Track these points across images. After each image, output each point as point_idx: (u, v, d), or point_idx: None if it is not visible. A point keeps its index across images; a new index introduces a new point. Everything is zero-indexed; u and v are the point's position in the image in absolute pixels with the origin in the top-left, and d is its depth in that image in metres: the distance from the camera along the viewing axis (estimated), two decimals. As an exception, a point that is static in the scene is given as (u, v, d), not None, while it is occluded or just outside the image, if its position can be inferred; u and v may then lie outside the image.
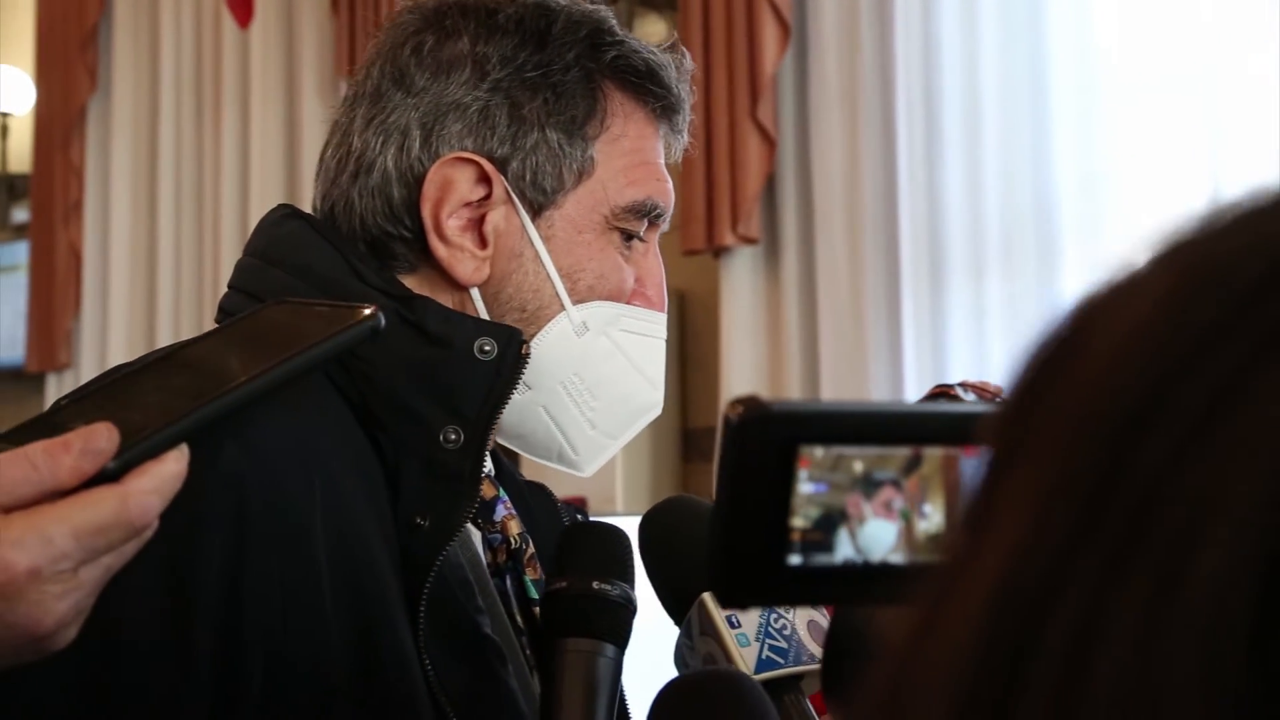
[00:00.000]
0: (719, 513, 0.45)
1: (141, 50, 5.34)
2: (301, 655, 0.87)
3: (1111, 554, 0.29)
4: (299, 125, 4.85)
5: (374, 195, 1.04)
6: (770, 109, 3.76)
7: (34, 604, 0.67)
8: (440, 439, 0.96)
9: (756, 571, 0.45)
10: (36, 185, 5.47)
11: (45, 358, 5.37)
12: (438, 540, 0.95)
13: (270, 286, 1.01)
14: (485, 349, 0.98)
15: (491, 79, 1.03)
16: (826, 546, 0.47)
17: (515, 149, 1.03)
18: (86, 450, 0.68)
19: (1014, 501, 0.32)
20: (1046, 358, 0.34)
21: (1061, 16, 3.44)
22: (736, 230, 3.76)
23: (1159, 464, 0.29)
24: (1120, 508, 0.30)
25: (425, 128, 1.03)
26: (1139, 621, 0.28)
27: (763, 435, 0.45)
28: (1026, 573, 0.31)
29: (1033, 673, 0.30)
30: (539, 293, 1.04)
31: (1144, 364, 0.31)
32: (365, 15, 4.60)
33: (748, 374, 3.85)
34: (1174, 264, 0.33)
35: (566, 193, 1.04)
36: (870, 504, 0.46)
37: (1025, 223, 3.45)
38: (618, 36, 1.07)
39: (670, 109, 1.09)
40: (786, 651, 0.94)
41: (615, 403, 1.07)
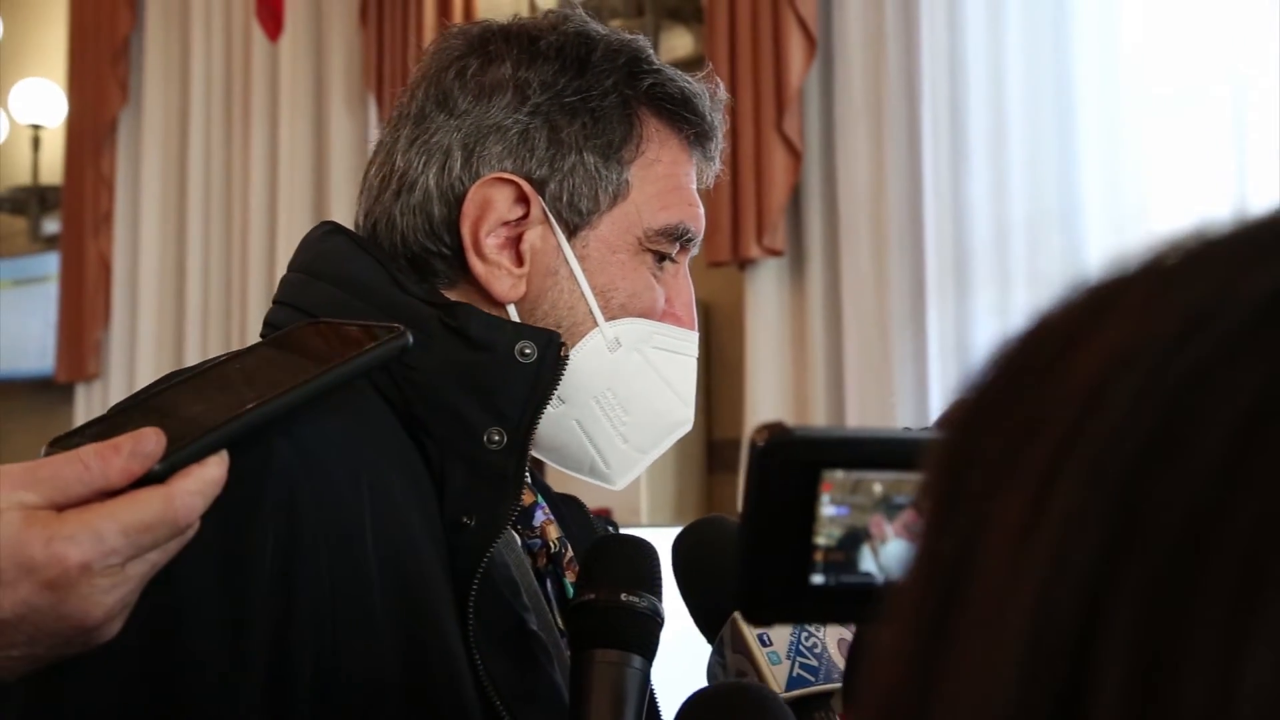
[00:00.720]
0: (745, 533, 0.47)
1: (172, 63, 5.38)
2: (351, 651, 0.89)
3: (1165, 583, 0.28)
4: (327, 137, 4.89)
5: (415, 213, 1.07)
6: (796, 121, 3.77)
7: (84, 597, 0.71)
8: (484, 440, 1.00)
9: (781, 590, 0.47)
10: (67, 197, 5.52)
11: (74, 368, 5.41)
12: (484, 539, 0.98)
13: (316, 299, 1.04)
14: (526, 352, 1.02)
15: (532, 103, 1.07)
16: (849, 566, 0.48)
17: (553, 171, 1.06)
18: (135, 453, 0.73)
19: (1008, 553, 0.31)
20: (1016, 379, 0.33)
21: (1086, 27, 3.43)
22: (762, 242, 3.77)
23: (1200, 485, 0.29)
24: (1164, 533, 0.29)
25: (467, 148, 1.07)
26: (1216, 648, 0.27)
27: (786, 460, 0.46)
28: (1056, 608, 0.29)
29: (1094, 711, 0.28)
30: (573, 309, 1.07)
31: (1145, 389, 0.30)
32: (393, 29, 4.64)
33: (773, 386, 3.85)
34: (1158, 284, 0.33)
35: (601, 214, 1.08)
36: (892, 525, 0.47)
37: (1050, 233, 3.45)
38: (655, 65, 1.11)
39: (703, 136, 1.13)
40: (817, 669, 0.95)
41: (647, 418, 1.10)
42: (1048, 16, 3.48)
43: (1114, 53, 3.40)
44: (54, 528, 0.70)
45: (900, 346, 3.63)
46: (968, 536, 0.32)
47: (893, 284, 3.64)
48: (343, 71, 4.89)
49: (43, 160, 5.76)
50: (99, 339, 5.40)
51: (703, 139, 1.13)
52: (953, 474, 0.33)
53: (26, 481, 0.71)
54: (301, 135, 4.94)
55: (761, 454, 0.46)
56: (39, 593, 0.70)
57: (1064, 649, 0.29)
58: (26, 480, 0.72)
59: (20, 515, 0.70)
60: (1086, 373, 0.31)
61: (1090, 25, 3.43)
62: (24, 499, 0.71)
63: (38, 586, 0.70)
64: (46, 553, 0.70)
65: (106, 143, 5.41)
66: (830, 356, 3.79)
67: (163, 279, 5.32)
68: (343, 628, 0.89)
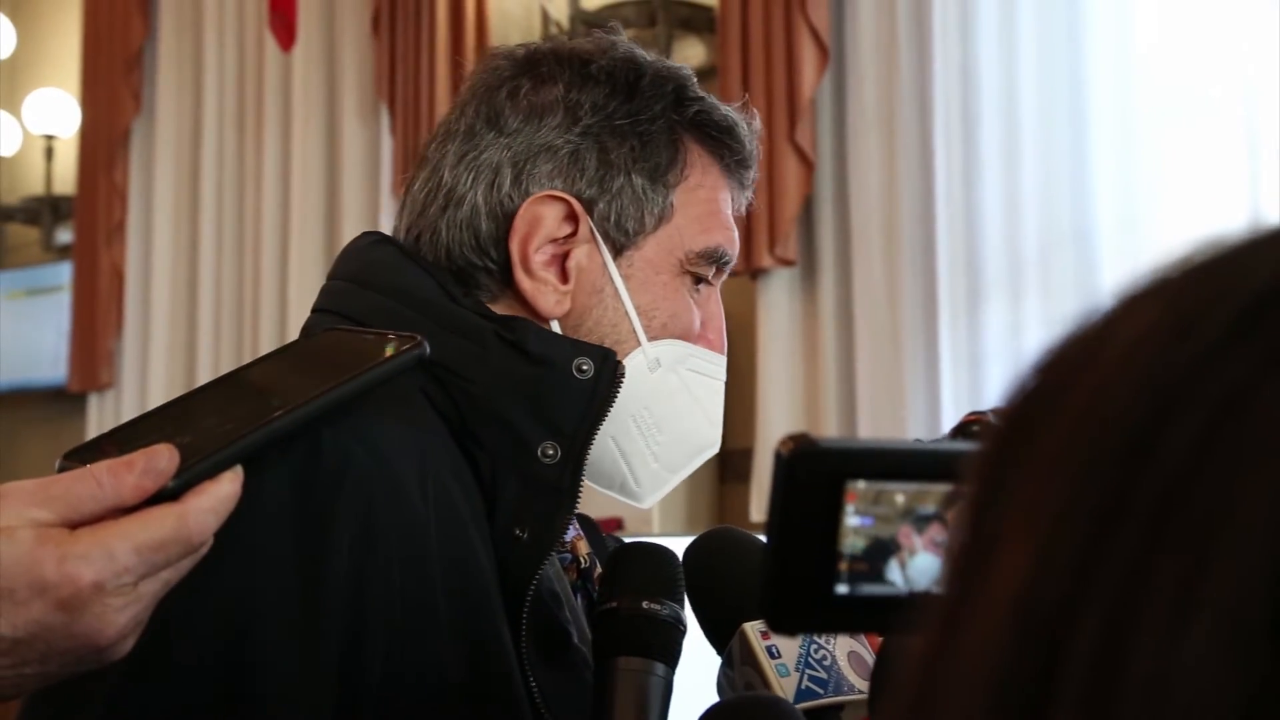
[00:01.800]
0: (770, 543, 0.47)
1: (185, 73, 5.40)
2: (417, 657, 0.90)
3: (1131, 561, 0.31)
4: (339, 146, 4.90)
5: (462, 228, 1.08)
6: (808, 131, 3.77)
7: (96, 616, 0.70)
8: (539, 454, 1.01)
9: (805, 599, 0.47)
10: (80, 206, 5.54)
11: (87, 378, 5.42)
12: (537, 552, 0.99)
13: (364, 308, 1.05)
14: (583, 368, 1.03)
15: (583, 124, 1.09)
16: (875, 576, 0.48)
17: (602, 191, 1.08)
18: (148, 470, 0.72)
19: (1019, 520, 0.34)
20: (1032, 390, 0.36)
21: (1099, 37, 3.43)
22: (774, 252, 3.77)
23: (1170, 475, 0.31)
24: (1136, 518, 0.31)
25: (516, 166, 1.08)
26: (1165, 624, 0.30)
27: (811, 470, 0.46)
28: (1046, 585, 0.32)
29: (1063, 682, 0.31)
30: (617, 327, 1.09)
31: (1146, 383, 0.33)
32: (405, 39, 4.65)
33: (784, 396, 3.85)
34: (1165, 292, 0.35)
35: (647, 235, 1.09)
36: (921, 538, 0.47)
37: (1063, 244, 3.44)
38: (700, 94, 1.14)
39: (743, 164, 1.16)
40: (826, 682, 0.95)
41: (679, 438, 1.11)
42: (1060, 26, 3.48)
43: (1127, 63, 3.40)
44: (66, 546, 0.70)
45: (912, 356, 3.62)
46: (983, 533, 0.35)
47: (905, 294, 3.64)
48: (355, 81, 4.90)
49: (56, 170, 5.78)
50: (112, 348, 5.42)
51: (741, 167, 1.16)
52: (975, 480, 0.36)
53: (39, 499, 0.71)
54: (314, 145, 4.96)
55: (787, 464, 0.46)
56: (51, 612, 0.70)
57: (1046, 629, 0.32)
58: (39, 497, 0.71)
59: (32, 533, 0.70)
60: (1093, 377, 0.34)
61: (1103, 35, 3.43)
62: (36, 516, 0.70)
63: (50, 606, 0.69)
64: (59, 572, 0.69)
65: (119, 152, 5.43)
66: (842, 367, 3.78)
67: (175, 288, 5.33)
68: (410, 632, 0.90)
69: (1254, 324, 0.32)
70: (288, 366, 0.83)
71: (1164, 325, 0.34)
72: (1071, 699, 0.31)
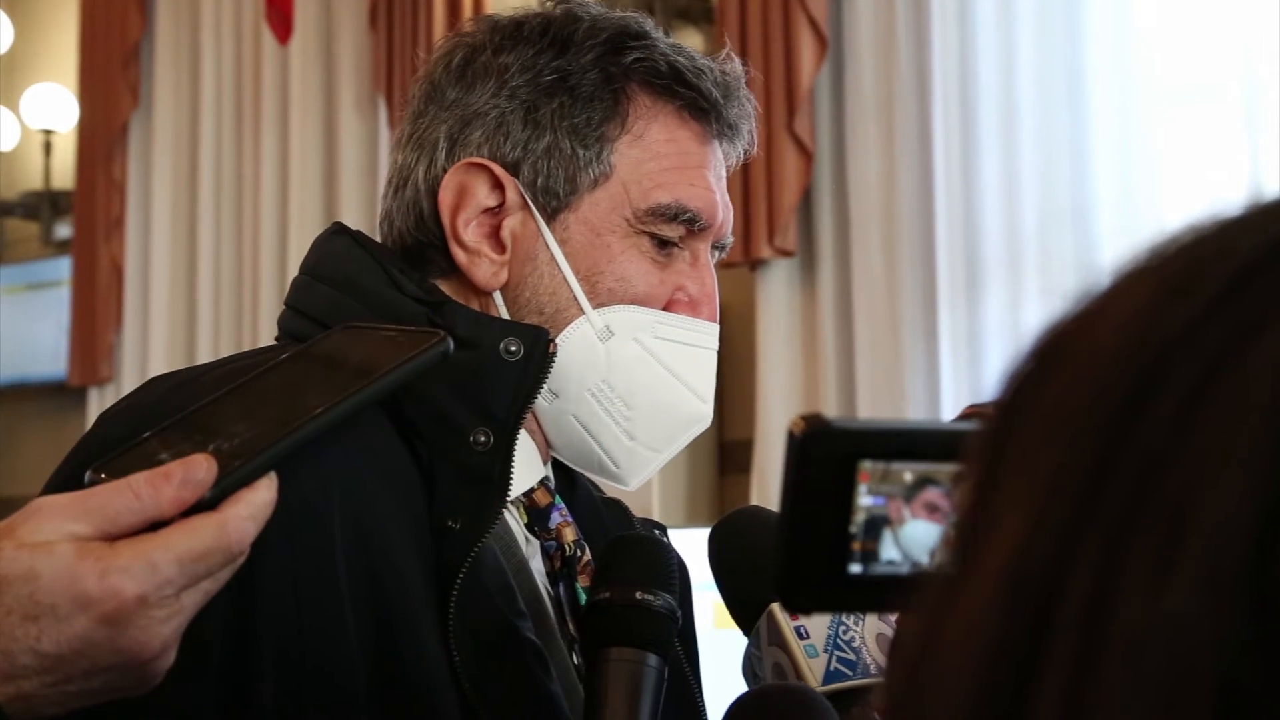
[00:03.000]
0: (783, 522, 0.47)
1: (182, 67, 5.40)
2: (316, 655, 0.88)
3: (1118, 521, 0.32)
4: (337, 140, 4.89)
5: (409, 208, 1.07)
6: (807, 121, 3.77)
7: (141, 629, 0.70)
8: (471, 441, 0.97)
9: (819, 578, 0.47)
10: (79, 201, 5.53)
11: (87, 372, 5.42)
12: (468, 542, 0.96)
13: (316, 301, 1.04)
14: (511, 349, 0.99)
15: (510, 86, 1.05)
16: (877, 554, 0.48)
17: (527, 153, 1.04)
18: (187, 480, 0.71)
19: (1014, 494, 0.34)
20: (1029, 369, 0.37)
21: (1098, 25, 3.43)
22: (773, 243, 3.77)
23: (1157, 436, 0.32)
24: (1123, 479, 0.32)
25: (451, 139, 1.06)
26: (1148, 577, 0.31)
27: (825, 450, 0.47)
28: (1037, 550, 0.33)
29: (1053, 641, 0.32)
30: (555, 295, 1.04)
31: (1133, 352, 0.33)
32: (403, 31, 4.64)
33: (784, 386, 3.85)
34: (1157, 266, 0.36)
35: (581, 195, 1.04)
36: (909, 506, 0.47)
37: (1063, 234, 3.44)
38: (646, 40, 1.06)
39: (700, 110, 1.07)
40: (855, 664, 0.94)
41: (656, 413, 1.06)
42: (1059, 15, 3.47)
43: (1126, 50, 3.40)
44: (108, 560, 0.69)
45: (911, 347, 3.62)
46: (982, 507, 0.36)
47: (904, 284, 3.64)
48: (353, 74, 4.89)
49: (54, 165, 5.78)
50: (111, 343, 5.41)
51: (700, 113, 1.07)
52: (974, 458, 0.37)
53: (76, 513, 0.70)
54: (312, 138, 4.95)
55: (800, 444, 0.47)
56: (95, 627, 0.69)
57: (1037, 592, 0.33)
58: (76, 511, 0.70)
59: (72, 548, 0.69)
60: (1086, 349, 0.35)
61: (1102, 23, 3.42)
62: (74, 530, 0.70)
63: (94, 621, 0.69)
64: (101, 586, 0.68)
65: (118, 147, 5.42)
66: (841, 357, 3.78)
67: (174, 282, 5.33)
68: (308, 630, 0.88)
69: (1240, 289, 0.33)
70: (310, 368, 0.82)
71: (1155, 295, 0.34)
72: (1061, 657, 0.32)
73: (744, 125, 1.10)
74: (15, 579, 0.68)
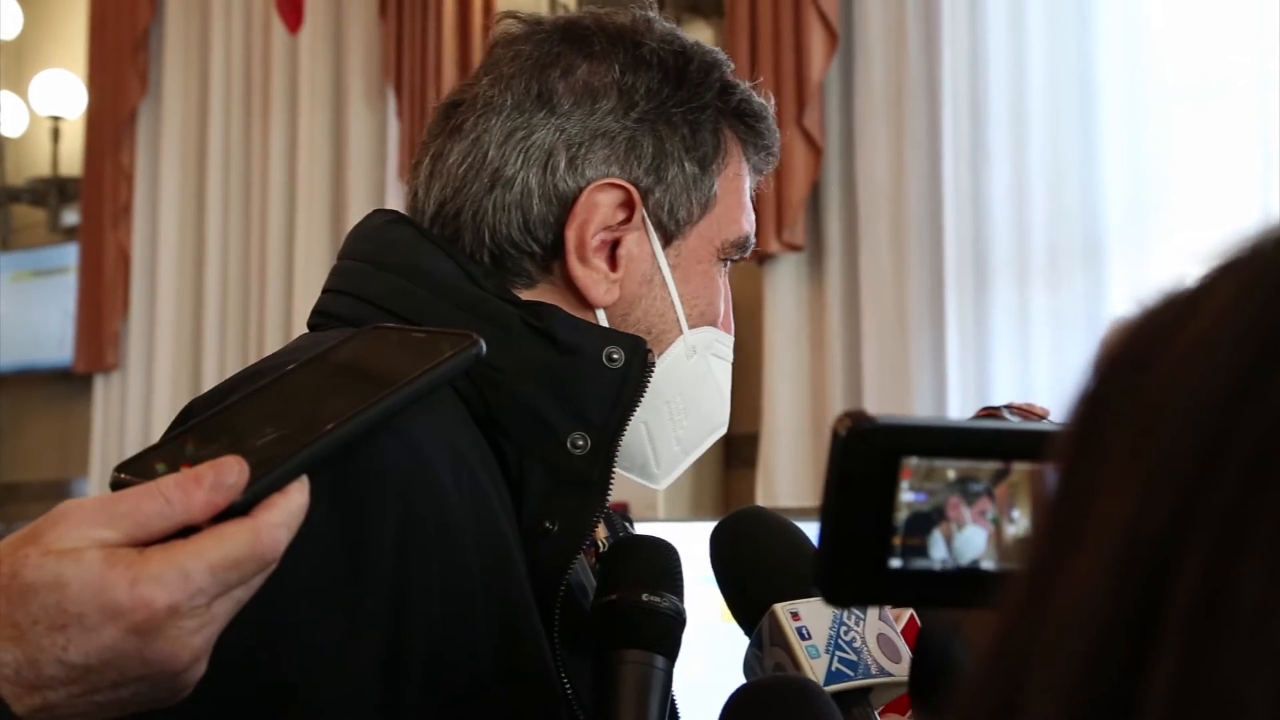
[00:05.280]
0: (826, 516, 0.48)
1: (192, 55, 5.40)
2: (456, 653, 0.89)
3: (1235, 502, 0.32)
4: (346, 129, 4.90)
5: (511, 209, 1.05)
6: (816, 116, 3.77)
7: (171, 640, 0.67)
8: (568, 445, 0.99)
9: (860, 572, 0.48)
10: (87, 188, 5.53)
11: (93, 359, 5.43)
12: (568, 545, 0.98)
13: (380, 290, 1.03)
14: (614, 357, 1.01)
15: (639, 110, 1.07)
16: (924, 550, 0.49)
17: (658, 180, 1.07)
18: (218, 485, 0.69)
19: (1116, 480, 0.34)
20: (1120, 363, 0.37)
21: (1109, 21, 3.43)
22: (781, 237, 3.77)
23: (1272, 419, 0.32)
24: (1237, 460, 0.32)
25: (571, 150, 1.06)
26: (1272, 558, 0.31)
27: (869, 446, 0.47)
28: (1147, 531, 0.33)
29: (1169, 622, 0.32)
30: (663, 317, 1.08)
31: (1241, 339, 0.34)
32: (412, 22, 4.64)
33: (791, 380, 3.85)
34: (1246, 259, 0.36)
35: (695, 224, 1.09)
36: (970, 510, 0.48)
37: (1072, 230, 3.45)
38: (736, 81, 1.13)
39: (770, 154, 1.16)
40: (856, 664, 0.95)
41: (700, 421, 1.12)
42: (1070, 10, 3.47)
43: (1136, 47, 3.40)
44: (138, 568, 0.67)
45: (919, 342, 3.63)
46: (1076, 492, 0.36)
47: (912, 280, 3.64)
48: (362, 64, 4.89)
49: (62, 152, 5.78)
50: (118, 330, 5.42)
51: (769, 155, 1.16)
52: (1065, 447, 0.37)
53: (104, 518, 0.68)
54: (320, 128, 4.95)
55: (845, 440, 0.47)
56: (125, 637, 0.66)
57: (1150, 573, 0.33)
58: (104, 516, 0.68)
59: (101, 555, 0.67)
60: (1190, 334, 0.35)
61: (1113, 19, 3.42)
62: (103, 536, 0.67)
63: (123, 631, 0.66)
64: (132, 595, 0.66)
65: (126, 134, 5.42)
66: (849, 352, 3.79)
67: (181, 270, 5.33)
68: (449, 629, 0.89)
69: None
70: (338, 370, 0.80)
71: (1264, 283, 0.35)
72: (1178, 639, 0.32)
73: None
74: (42, 587, 0.66)
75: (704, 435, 1.13)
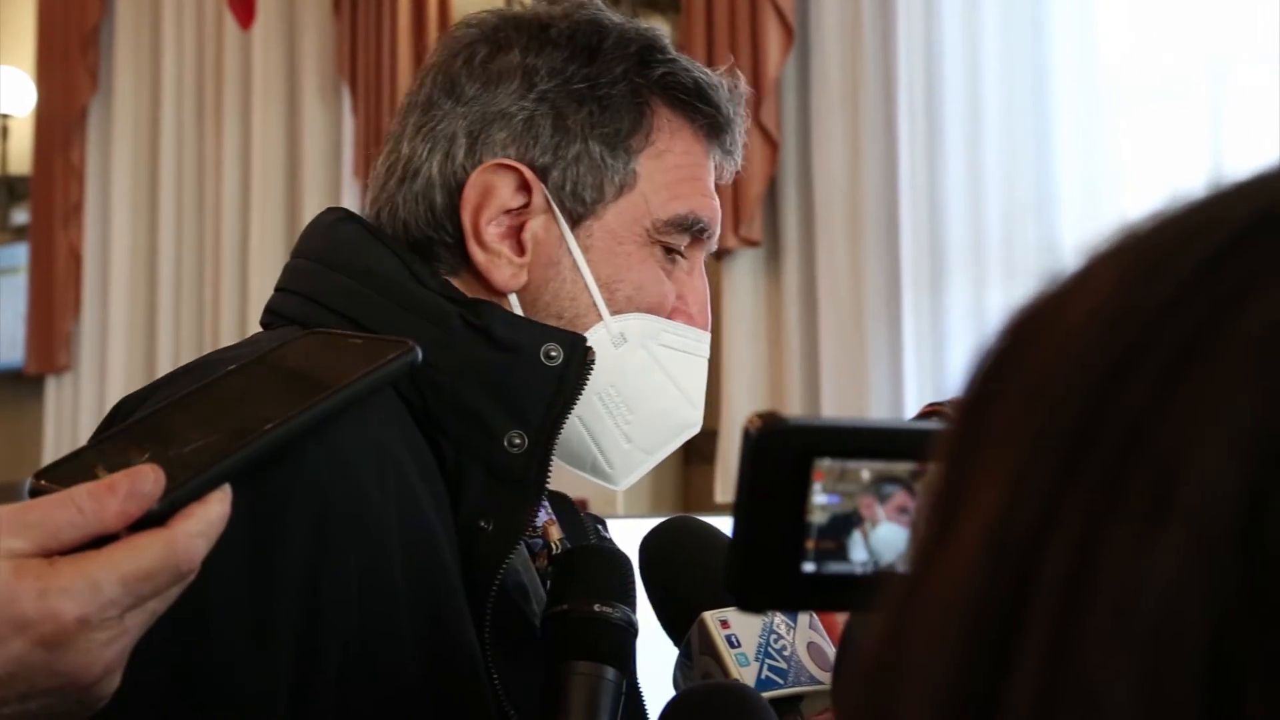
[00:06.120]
0: (737, 520, 0.46)
1: (142, 52, 5.35)
2: (377, 649, 0.88)
3: (1102, 485, 0.32)
4: (300, 127, 4.86)
5: (418, 200, 1.06)
6: (773, 111, 3.77)
7: (82, 652, 0.66)
8: (504, 443, 0.98)
9: (773, 577, 0.47)
10: (37, 187, 5.48)
11: (45, 360, 5.37)
12: (501, 544, 0.96)
13: (330, 290, 1.03)
14: (552, 354, 0.99)
15: (539, 90, 1.05)
16: (840, 552, 0.48)
17: (557, 158, 1.05)
18: (133, 494, 0.67)
19: (990, 467, 0.34)
20: (1000, 349, 0.37)
21: (1064, 20, 3.44)
22: (738, 232, 3.77)
23: (1141, 400, 0.32)
24: (1106, 444, 0.32)
25: (471, 135, 1.05)
26: (1135, 541, 0.31)
27: (779, 448, 0.46)
28: (1018, 518, 0.33)
29: (1035, 607, 0.31)
30: (575, 301, 1.05)
31: (1117, 322, 0.33)
32: (367, 18, 4.61)
33: (748, 376, 3.85)
34: (1133, 243, 0.36)
35: (607, 204, 1.05)
36: (884, 507, 0.47)
37: (1026, 224, 3.46)
38: (669, 55, 1.09)
39: (718, 128, 1.10)
40: (786, 672, 0.94)
41: (653, 418, 1.08)
42: (1025, 8, 3.49)
43: (1091, 45, 3.41)
44: (47, 579, 0.65)
45: (875, 337, 3.63)
46: (957, 478, 0.36)
47: (868, 275, 3.64)
48: (316, 61, 4.86)
49: (11, 150, 5.72)
50: (69, 331, 5.37)
51: (717, 130, 1.10)
52: (947, 434, 0.37)
53: (14, 527, 0.66)
54: (274, 125, 4.92)
55: (755, 442, 0.46)
56: (32, 650, 0.65)
57: (1018, 557, 0.32)
58: (14, 525, 0.66)
59: (10, 565, 0.65)
60: (1064, 323, 0.35)
61: (1067, 17, 3.44)
62: (13, 546, 0.66)
63: (31, 643, 0.65)
64: (40, 607, 0.65)
65: (76, 132, 5.37)
66: (806, 347, 3.79)
67: (134, 270, 5.28)
68: (369, 625, 0.88)
69: (1221, 263, 0.33)
70: (271, 375, 0.79)
71: (1133, 271, 0.34)
72: (1044, 623, 0.31)
73: (741, 142, 1.13)
74: None
75: (665, 434, 1.09)
